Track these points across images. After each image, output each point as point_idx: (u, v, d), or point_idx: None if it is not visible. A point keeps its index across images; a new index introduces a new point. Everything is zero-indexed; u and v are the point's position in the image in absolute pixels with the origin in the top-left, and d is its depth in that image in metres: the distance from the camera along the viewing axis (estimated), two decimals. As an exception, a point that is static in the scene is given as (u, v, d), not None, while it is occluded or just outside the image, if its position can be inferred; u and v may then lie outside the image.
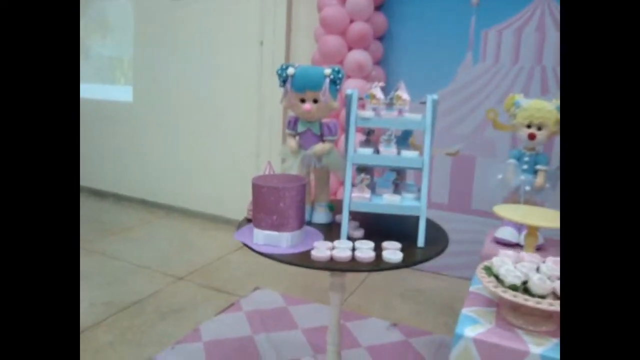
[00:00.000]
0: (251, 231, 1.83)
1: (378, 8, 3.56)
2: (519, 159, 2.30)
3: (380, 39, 3.65)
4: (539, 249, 2.27)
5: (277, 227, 1.76)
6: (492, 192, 2.39)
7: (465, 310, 1.66)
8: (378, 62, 3.63)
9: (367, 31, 3.40)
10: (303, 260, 1.72)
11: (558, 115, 2.19)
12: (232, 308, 3.15)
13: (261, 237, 1.79)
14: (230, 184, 4.56)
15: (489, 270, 1.65)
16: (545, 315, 1.57)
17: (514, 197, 2.30)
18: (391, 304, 3.29)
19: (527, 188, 2.25)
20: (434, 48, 3.54)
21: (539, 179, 2.24)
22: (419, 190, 1.88)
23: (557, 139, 2.52)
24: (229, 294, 3.36)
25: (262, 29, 4.27)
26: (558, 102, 2.22)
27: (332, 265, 1.72)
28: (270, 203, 1.75)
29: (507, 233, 2.26)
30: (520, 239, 2.26)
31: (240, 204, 2.45)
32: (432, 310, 3.22)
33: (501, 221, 2.28)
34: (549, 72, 3.27)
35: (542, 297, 1.51)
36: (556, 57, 3.23)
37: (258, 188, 1.77)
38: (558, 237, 2.34)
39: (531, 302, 1.48)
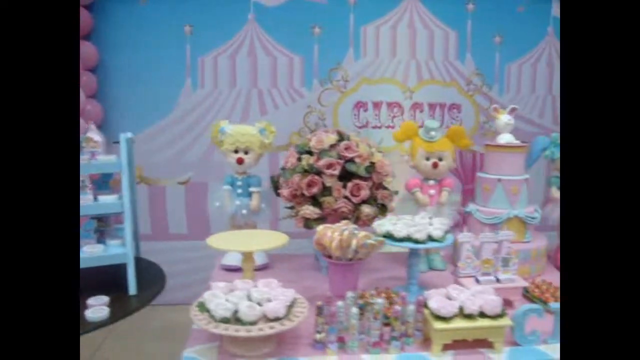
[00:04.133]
0: None
1: (85, 37, 3.34)
2: (232, 184, 2.35)
3: (92, 70, 3.43)
4: (264, 268, 2.35)
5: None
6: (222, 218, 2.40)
7: (187, 352, 1.62)
8: (92, 95, 3.41)
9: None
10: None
11: (261, 139, 2.29)
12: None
13: None
14: None
15: (202, 307, 1.62)
16: (263, 339, 1.60)
17: (234, 221, 2.34)
18: (145, 349, 3.10)
19: (244, 212, 2.30)
20: (152, 76, 3.46)
21: (254, 201, 2.32)
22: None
23: (268, 160, 2.65)
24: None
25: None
26: (262, 126, 2.32)
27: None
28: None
29: (231, 259, 2.28)
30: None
31: None
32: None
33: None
34: (265, 94, 3.45)
35: (254, 323, 1.54)
36: (271, 79, 3.43)
37: None
38: (284, 253, 2.50)
39: (242, 331, 1.50)
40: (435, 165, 2.29)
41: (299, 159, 2.13)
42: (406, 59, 3.51)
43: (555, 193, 2.46)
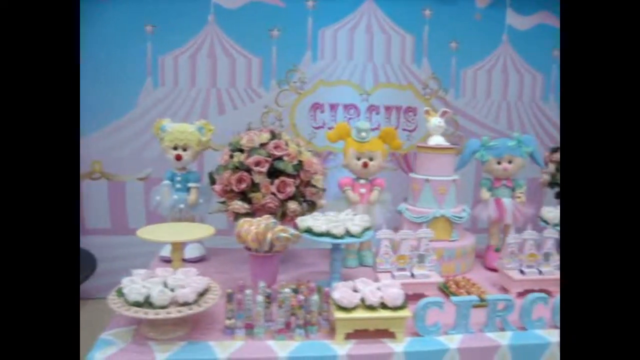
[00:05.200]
0: None
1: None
2: (172, 179, 2.44)
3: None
4: (200, 260, 2.45)
5: None
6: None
7: (104, 335, 1.70)
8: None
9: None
10: None
11: (199, 136, 2.39)
12: None
13: None
14: None
15: (119, 292, 1.71)
16: (176, 323, 1.70)
17: (173, 215, 2.42)
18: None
19: (182, 206, 2.39)
20: (114, 74, 3.54)
21: (192, 196, 2.41)
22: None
23: (207, 157, 2.73)
24: None
25: None
26: (200, 124, 2.42)
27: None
28: None
29: (167, 250, 2.36)
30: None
31: None
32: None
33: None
34: (223, 94, 3.53)
35: (164, 307, 1.62)
36: (230, 79, 3.52)
37: None
38: (221, 247, 2.59)
39: (151, 314, 1.59)
40: (365, 165, 2.38)
41: (231, 156, 2.23)
42: (363, 62, 3.60)
43: (485, 194, 2.56)
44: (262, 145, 2.22)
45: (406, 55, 3.67)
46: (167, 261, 2.35)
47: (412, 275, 2.07)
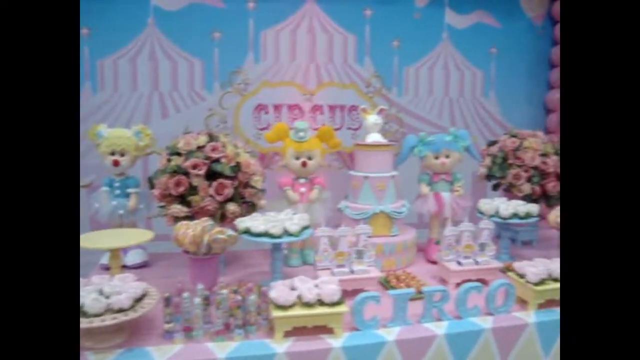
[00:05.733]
0: None
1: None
2: (111, 185, 2.40)
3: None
4: (143, 266, 2.42)
5: None
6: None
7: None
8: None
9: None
10: None
11: (137, 142, 2.37)
12: None
13: None
14: None
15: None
16: (112, 330, 1.68)
17: (114, 221, 2.39)
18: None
19: (121, 212, 2.36)
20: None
21: (132, 202, 2.38)
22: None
23: (151, 162, 2.70)
24: None
25: None
26: (137, 129, 2.39)
27: None
28: None
29: (107, 258, 2.33)
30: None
31: None
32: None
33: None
34: (166, 98, 3.49)
35: (99, 315, 1.60)
36: (172, 82, 3.48)
37: None
38: (166, 251, 2.57)
39: (85, 323, 1.56)
40: (304, 164, 2.41)
41: (169, 160, 2.21)
42: (306, 62, 3.62)
43: (424, 189, 2.62)
44: (200, 148, 2.21)
45: (349, 55, 3.71)
46: (107, 269, 2.31)
47: (352, 272, 2.10)
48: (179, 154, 2.21)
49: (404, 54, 3.83)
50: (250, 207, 2.29)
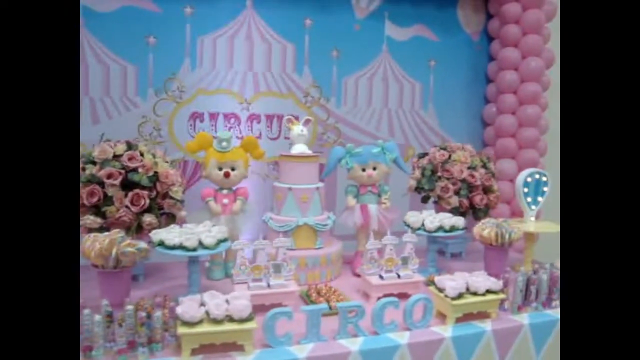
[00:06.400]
0: None
1: None
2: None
3: None
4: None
5: None
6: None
7: None
8: None
9: None
10: None
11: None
12: None
13: None
14: None
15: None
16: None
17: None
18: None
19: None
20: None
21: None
22: None
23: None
24: None
25: None
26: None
27: None
28: None
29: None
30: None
31: None
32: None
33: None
34: (97, 103, 3.38)
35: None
36: (104, 88, 3.38)
37: None
38: (84, 264, 2.46)
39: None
40: (227, 175, 2.36)
41: (84, 169, 2.14)
42: (243, 70, 3.58)
43: (351, 201, 2.62)
44: (116, 156, 2.14)
45: (287, 64, 3.69)
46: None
47: (268, 285, 2.07)
48: (93, 163, 2.13)
49: (343, 64, 3.85)
50: (170, 219, 2.23)
